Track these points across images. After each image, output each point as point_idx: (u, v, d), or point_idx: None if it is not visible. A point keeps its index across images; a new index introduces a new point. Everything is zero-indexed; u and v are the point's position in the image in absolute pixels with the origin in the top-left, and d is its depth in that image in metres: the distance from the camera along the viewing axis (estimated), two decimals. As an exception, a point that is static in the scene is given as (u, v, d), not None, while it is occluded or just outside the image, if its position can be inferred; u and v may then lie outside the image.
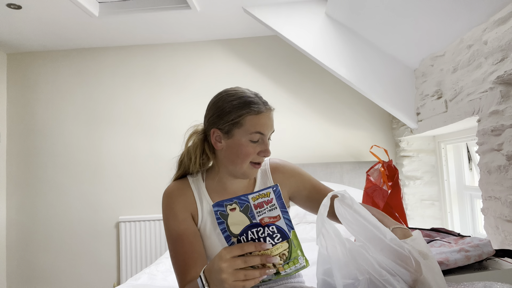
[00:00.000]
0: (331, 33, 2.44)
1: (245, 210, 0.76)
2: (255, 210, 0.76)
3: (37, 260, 3.03)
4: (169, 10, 2.48)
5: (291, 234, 0.76)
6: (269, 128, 1.00)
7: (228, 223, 0.77)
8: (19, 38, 2.87)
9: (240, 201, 0.76)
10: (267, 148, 0.99)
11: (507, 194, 1.40)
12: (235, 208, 0.76)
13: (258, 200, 0.76)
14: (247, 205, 0.76)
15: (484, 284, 0.74)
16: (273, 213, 0.76)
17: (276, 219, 0.76)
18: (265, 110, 0.99)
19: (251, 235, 0.76)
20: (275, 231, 0.76)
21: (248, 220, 0.76)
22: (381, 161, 2.08)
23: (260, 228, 0.76)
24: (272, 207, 0.76)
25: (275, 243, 0.76)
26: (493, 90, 1.47)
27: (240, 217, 0.76)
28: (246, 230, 0.77)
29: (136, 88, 3.09)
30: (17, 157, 3.11)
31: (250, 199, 0.76)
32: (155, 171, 3.00)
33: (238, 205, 0.76)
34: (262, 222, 0.76)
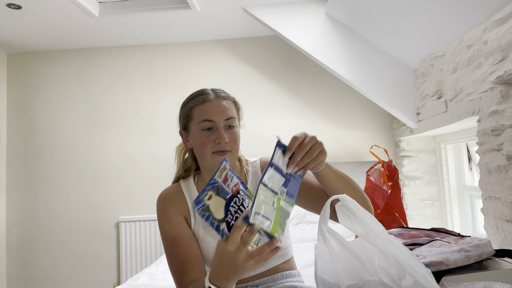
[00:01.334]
0: (331, 33, 2.44)
1: (218, 191, 0.78)
2: (225, 185, 0.78)
3: (37, 260, 3.03)
4: (169, 10, 2.48)
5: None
6: (219, 115, 0.99)
7: (212, 213, 0.77)
8: (19, 38, 2.87)
9: (211, 186, 0.77)
10: (221, 134, 0.97)
11: (507, 194, 1.40)
12: (211, 195, 0.77)
13: (222, 175, 0.78)
14: (217, 185, 0.78)
15: (484, 284, 0.74)
16: (234, 182, 0.79)
17: (237, 187, 0.79)
18: (213, 98, 1.01)
19: (233, 208, 0.78)
20: (243, 196, 0.79)
21: (224, 200, 0.78)
22: (381, 161, 2.08)
23: (235, 198, 0.78)
24: (231, 177, 0.78)
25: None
26: (493, 90, 1.47)
27: (217, 201, 0.77)
28: (226, 209, 0.78)
29: (136, 88, 3.09)
30: (17, 157, 3.11)
31: (217, 178, 0.78)
32: (155, 171, 3.00)
33: (212, 191, 0.77)
34: (233, 192, 0.78)
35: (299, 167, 0.80)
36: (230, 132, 1.00)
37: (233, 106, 1.04)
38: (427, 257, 0.92)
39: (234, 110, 1.04)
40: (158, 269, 1.79)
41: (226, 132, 0.99)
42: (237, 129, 1.03)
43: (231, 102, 1.04)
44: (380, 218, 1.83)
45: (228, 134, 0.99)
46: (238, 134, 1.02)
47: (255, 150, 2.48)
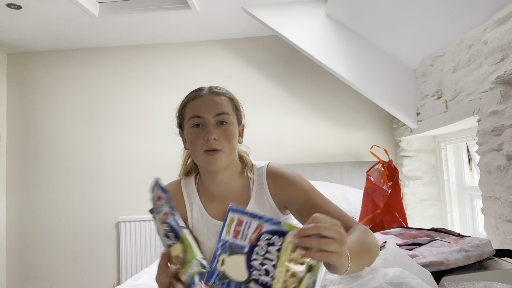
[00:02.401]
0: (331, 33, 2.44)
1: (232, 251, 0.69)
2: (237, 240, 0.69)
3: (37, 260, 3.03)
4: (169, 10, 2.48)
5: (283, 225, 0.66)
6: (208, 110, 0.94)
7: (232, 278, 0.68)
8: (19, 38, 2.87)
9: (222, 248, 0.69)
10: (209, 130, 0.91)
11: (507, 194, 1.40)
12: (224, 259, 0.68)
13: (231, 230, 0.69)
14: (229, 245, 0.69)
15: (484, 284, 0.74)
16: (253, 228, 0.68)
17: (260, 229, 0.68)
18: (204, 94, 0.97)
19: (257, 261, 0.67)
20: (267, 237, 0.67)
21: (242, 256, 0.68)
22: (381, 161, 2.08)
23: (255, 248, 0.68)
24: (248, 224, 0.68)
25: (280, 245, 0.65)
26: (493, 90, 1.47)
27: (234, 261, 0.68)
28: (248, 266, 0.67)
29: (136, 88, 3.09)
30: (17, 157, 3.11)
31: (226, 237, 0.70)
32: (155, 171, 3.00)
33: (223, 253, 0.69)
34: (252, 241, 0.68)
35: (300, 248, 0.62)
36: (222, 129, 0.94)
37: (228, 103, 0.98)
38: (427, 257, 0.92)
39: (228, 106, 0.97)
40: (158, 269, 1.79)
41: (217, 128, 0.93)
42: (230, 126, 0.95)
43: (226, 98, 0.98)
44: (380, 218, 1.83)
45: (219, 131, 0.93)
46: (231, 131, 0.95)
47: (254, 150, 2.47)
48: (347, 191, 2.45)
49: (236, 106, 1.02)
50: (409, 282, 0.68)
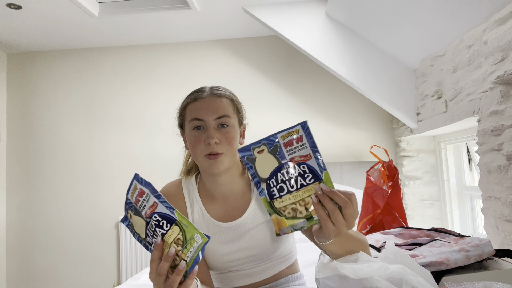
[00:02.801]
0: (331, 33, 2.44)
1: (273, 151, 0.72)
2: (285, 149, 0.72)
3: (37, 260, 3.03)
4: (169, 10, 2.48)
5: (324, 175, 0.69)
6: (209, 113, 0.92)
7: (256, 167, 0.73)
8: (19, 38, 2.87)
9: (269, 141, 0.72)
10: (210, 134, 0.90)
11: (507, 194, 1.40)
12: (263, 150, 0.72)
13: (287, 138, 0.71)
14: (276, 145, 0.72)
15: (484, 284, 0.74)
16: (303, 152, 0.70)
17: (307, 158, 0.70)
18: (205, 95, 0.95)
19: (280, 176, 0.72)
20: (306, 170, 0.71)
21: (277, 162, 0.72)
22: (381, 161, 2.08)
23: (289, 168, 0.72)
24: (303, 145, 0.70)
25: (307, 184, 0.71)
26: (493, 90, 1.47)
27: (268, 159, 0.72)
28: (275, 172, 0.73)
29: (136, 88, 3.09)
30: (17, 157, 3.11)
31: (280, 138, 0.71)
32: (154, 171, 3.00)
33: (266, 146, 0.72)
34: (292, 161, 0.71)
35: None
36: (223, 132, 0.92)
37: (229, 104, 0.96)
38: (427, 257, 0.92)
39: (229, 108, 0.96)
40: (158, 269, 1.79)
41: (217, 131, 0.92)
42: (231, 129, 0.94)
43: (227, 100, 0.97)
44: (380, 218, 1.83)
45: (220, 134, 0.92)
46: (232, 134, 0.94)
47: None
48: (347, 191, 2.45)
49: (238, 107, 1.00)
50: (409, 279, 0.68)
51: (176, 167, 3.17)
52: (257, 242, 0.99)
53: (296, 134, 0.70)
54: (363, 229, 1.83)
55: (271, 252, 1.00)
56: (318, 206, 0.69)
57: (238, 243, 0.99)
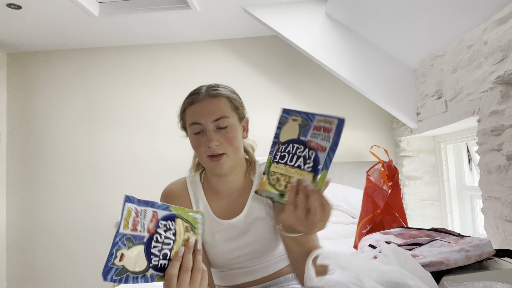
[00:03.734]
0: (331, 33, 2.44)
1: (303, 126, 0.77)
2: (312, 131, 0.75)
3: (37, 260, 3.03)
4: (169, 10, 2.48)
5: (322, 174, 0.73)
6: (206, 116, 0.92)
7: (282, 129, 0.79)
8: (19, 38, 2.87)
9: (306, 117, 0.77)
10: (209, 137, 0.91)
11: (507, 194, 1.40)
12: (296, 120, 0.78)
13: (320, 123, 0.74)
14: (309, 123, 0.76)
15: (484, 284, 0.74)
16: (322, 143, 0.73)
17: (321, 150, 0.74)
18: (201, 98, 0.95)
19: (290, 148, 0.77)
20: (311, 158, 0.74)
21: (297, 135, 0.77)
22: (381, 161, 2.08)
23: (302, 146, 0.76)
24: (326, 137, 0.73)
25: (302, 168, 0.75)
26: (493, 90, 1.47)
27: (294, 129, 0.77)
28: (290, 142, 0.77)
29: (136, 88, 3.09)
30: (17, 157, 3.11)
31: (315, 120, 0.75)
32: (155, 171, 3.00)
33: (301, 119, 0.77)
34: (308, 144, 0.75)
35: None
36: (222, 133, 0.93)
37: (225, 103, 0.95)
38: (427, 257, 0.92)
39: (226, 108, 0.95)
40: (158, 269, 1.79)
41: (217, 133, 0.93)
42: (231, 128, 0.94)
43: (223, 99, 0.95)
44: (380, 218, 1.83)
45: (219, 135, 0.93)
46: (232, 134, 0.94)
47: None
48: (347, 191, 2.45)
49: (235, 105, 0.99)
50: (406, 283, 0.68)
51: (177, 167, 3.18)
52: (258, 237, 1.00)
53: (329, 124, 0.73)
54: (363, 229, 1.83)
55: (272, 248, 1.02)
56: (292, 191, 0.73)
57: (240, 240, 1.00)
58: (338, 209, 2.36)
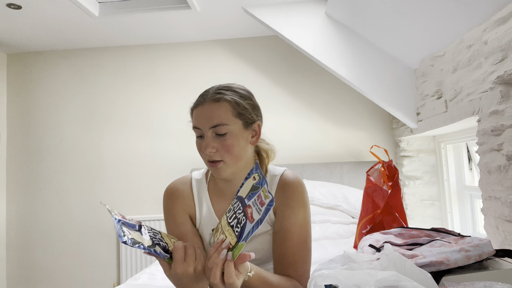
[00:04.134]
0: (331, 33, 2.44)
1: (254, 188, 0.78)
2: (254, 197, 0.76)
3: (37, 260, 3.03)
4: (169, 10, 2.48)
5: (240, 244, 0.72)
6: (205, 122, 0.91)
7: (245, 183, 0.82)
8: (19, 38, 2.87)
9: (262, 180, 0.78)
10: (206, 143, 0.90)
11: (507, 194, 1.40)
12: (255, 179, 0.79)
13: (262, 194, 0.75)
14: (258, 187, 0.77)
15: (484, 284, 0.73)
16: (254, 214, 0.73)
17: (250, 220, 0.73)
18: (204, 101, 0.93)
19: (235, 204, 0.80)
20: (241, 224, 0.75)
21: (245, 195, 0.79)
22: (381, 161, 2.07)
23: (241, 209, 0.77)
24: (259, 210, 0.72)
25: (232, 230, 0.77)
26: (493, 90, 1.47)
27: (248, 187, 0.79)
28: (240, 199, 0.80)
29: (136, 88, 3.09)
30: (17, 157, 3.11)
31: (262, 187, 0.76)
32: (155, 171, 3.00)
33: (258, 180, 0.78)
34: (246, 209, 0.76)
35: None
36: (220, 140, 0.90)
37: (227, 110, 0.91)
38: (427, 257, 0.92)
39: (227, 115, 0.91)
40: (158, 269, 1.79)
41: (215, 140, 0.90)
42: (229, 136, 0.91)
43: (226, 105, 0.92)
44: (380, 218, 1.83)
45: (217, 142, 0.90)
46: (230, 141, 0.91)
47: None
48: (347, 191, 2.45)
49: (239, 111, 0.94)
50: (403, 285, 0.68)
51: (177, 167, 3.18)
52: (261, 246, 1.00)
53: (265, 199, 0.73)
54: (363, 229, 1.83)
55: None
56: (213, 248, 0.75)
57: None
58: (338, 209, 2.36)
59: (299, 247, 0.94)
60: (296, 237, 0.94)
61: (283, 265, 0.92)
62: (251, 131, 0.98)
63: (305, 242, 0.95)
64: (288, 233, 0.94)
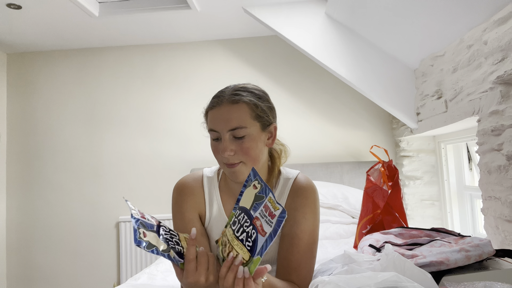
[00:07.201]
0: (331, 33, 2.44)
1: (258, 198, 0.74)
2: (261, 208, 0.72)
3: (37, 260, 3.03)
4: (169, 10, 2.48)
5: (256, 259, 0.69)
6: (222, 124, 0.88)
7: (245, 192, 0.77)
8: (19, 38, 2.87)
9: (264, 188, 0.74)
10: (224, 146, 0.88)
11: (507, 194, 1.40)
12: (257, 188, 0.75)
13: (269, 204, 0.71)
14: (263, 198, 0.73)
15: (484, 284, 0.74)
16: (265, 227, 0.70)
17: (262, 233, 0.70)
18: (221, 102, 0.90)
19: (240, 217, 0.76)
20: (252, 237, 0.71)
21: (250, 206, 0.75)
22: (381, 161, 2.07)
23: (249, 222, 0.74)
24: (270, 222, 0.70)
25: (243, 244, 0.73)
26: (493, 90, 1.47)
27: (251, 198, 0.75)
28: (244, 210, 0.76)
29: (136, 88, 3.09)
30: (17, 157, 3.11)
31: (267, 197, 0.72)
32: (155, 171, 3.00)
33: (260, 189, 0.74)
34: (254, 221, 0.73)
35: None
36: (239, 142, 0.89)
37: (245, 112, 0.90)
38: (427, 257, 0.92)
39: (245, 117, 0.89)
40: (158, 269, 1.79)
41: (233, 142, 0.89)
42: (248, 138, 0.89)
43: (244, 106, 0.90)
44: (380, 218, 1.83)
45: (235, 144, 0.89)
46: (249, 144, 0.89)
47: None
48: (347, 191, 2.45)
49: (257, 113, 0.92)
50: (403, 286, 0.68)
51: (177, 167, 3.18)
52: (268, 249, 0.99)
53: (274, 210, 0.70)
54: (363, 229, 1.83)
55: None
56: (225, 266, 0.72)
57: None
58: (338, 209, 2.36)
59: (305, 254, 0.93)
60: (304, 244, 0.93)
61: (287, 269, 0.92)
62: (267, 133, 0.97)
63: (311, 249, 0.94)
64: (296, 239, 0.93)
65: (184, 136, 2.98)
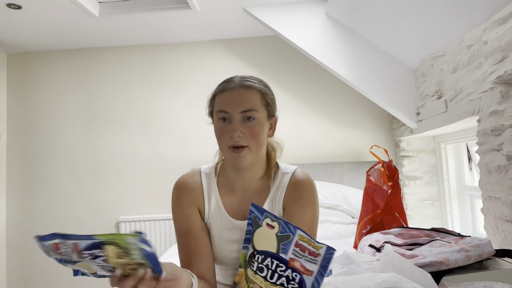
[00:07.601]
0: (331, 33, 2.44)
1: (282, 238, 0.68)
2: (293, 248, 0.67)
3: (37, 259, 3.03)
4: (169, 10, 2.48)
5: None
6: (235, 105, 0.90)
7: (255, 232, 0.70)
8: (19, 38, 2.87)
9: (286, 226, 0.67)
10: (234, 127, 0.89)
11: (507, 194, 1.40)
12: (274, 227, 0.68)
13: (304, 242, 0.66)
14: (290, 236, 0.67)
15: (484, 284, 0.74)
16: (308, 266, 0.65)
17: (307, 273, 0.65)
18: (232, 86, 0.93)
19: (268, 262, 0.69)
20: (296, 280, 0.66)
21: (276, 249, 0.68)
22: (381, 161, 2.07)
23: (284, 266, 0.67)
24: (314, 260, 0.65)
25: (286, 286, 0.67)
26: (493, 90, 1.47)
27: (271, 239, 0.69)
28: (268, 255, 0.69)
29: (136, 88, 3.09)
30: (17, 157, 3.11)
31: (297, 235, 0.67)
32: (155, 170, 3.00)
33: (280, 227, 0.68)
34: (290, 264, 0.67)
35: None
36: (248, 125, 0.91)
37: (257, 97, 0.94)
38: (427, 257, 0.92)
39: (257, 102, 0.93)
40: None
41: (243, 125, 0.91)
42: (257, 122, 0.92)
43: (256, 92, 0.94)
44: (380, 218, 1.83)
45: (244, 127, 0.91)
46: (258, 128, 0.92)
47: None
48: (347, 191, 2.45)
49: (267, 100, 0.98)
50: (403, 287, 0.68)
51: (177, 167, 3.17)
52: None
53: (315, 249, 0.64)
54: (363, 229, 1.83)
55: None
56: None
57: None
58: (338, 209, 2.36)
59: None
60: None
61: None
62: (269, 123, 1.01)
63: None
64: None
65: (184, 136, 2.98)
